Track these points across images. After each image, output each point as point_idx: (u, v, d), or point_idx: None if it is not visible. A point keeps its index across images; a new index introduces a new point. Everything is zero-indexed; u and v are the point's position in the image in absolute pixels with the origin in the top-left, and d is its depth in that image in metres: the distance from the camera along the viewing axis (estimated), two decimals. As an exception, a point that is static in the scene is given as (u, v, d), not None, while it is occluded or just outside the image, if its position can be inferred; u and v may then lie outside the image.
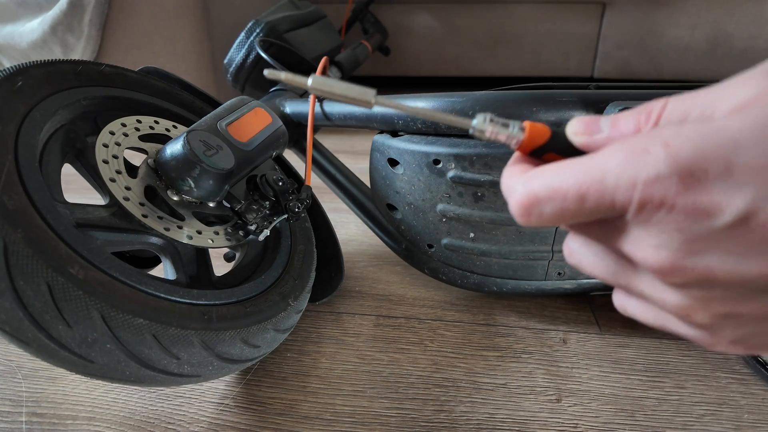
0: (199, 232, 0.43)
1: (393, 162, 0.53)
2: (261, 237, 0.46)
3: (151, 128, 0.47)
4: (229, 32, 0.95)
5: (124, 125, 0.45)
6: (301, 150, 0.68)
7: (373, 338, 0.54)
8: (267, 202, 0.47)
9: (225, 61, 0.86)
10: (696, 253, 0.17)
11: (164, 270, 0.43)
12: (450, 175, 0.49)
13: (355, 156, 1.08)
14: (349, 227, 0.78)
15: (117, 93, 0.47)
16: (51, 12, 1.03)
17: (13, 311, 0.30)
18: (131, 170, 0.43)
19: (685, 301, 0.18)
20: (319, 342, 0.54)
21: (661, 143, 0.16)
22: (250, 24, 0.85)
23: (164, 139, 0.46)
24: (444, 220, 0.52)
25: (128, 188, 0.41)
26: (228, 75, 0.86)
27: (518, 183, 0.20)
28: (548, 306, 0.59)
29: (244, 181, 0.47)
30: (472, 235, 0.52)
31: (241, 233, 0.47)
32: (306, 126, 0.59)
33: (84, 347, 0.32)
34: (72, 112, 0.43)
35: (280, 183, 0.48)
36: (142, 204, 0.41)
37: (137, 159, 0.45)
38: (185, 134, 0.42)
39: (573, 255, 0.22)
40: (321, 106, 0.59)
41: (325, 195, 0.75)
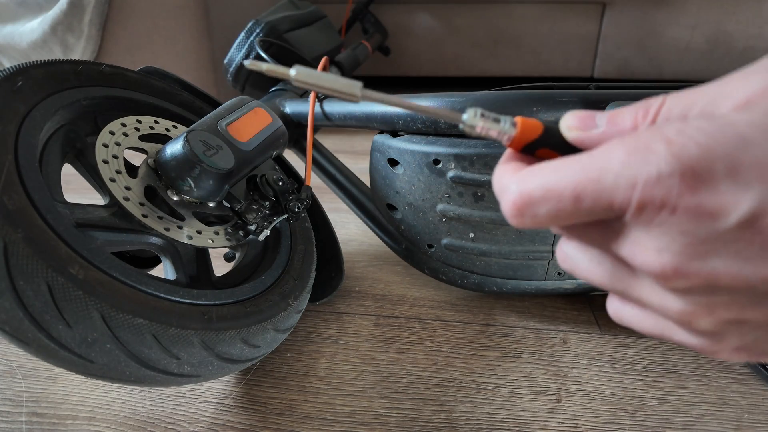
0: (199, 232, 0.43)
1: (393, 162, 0.53)
2: (261, 237, 0.46)
3: (151, 128, 0.47)
4: (229, 32, 0.95)
5: (124, 125, 0.45)
6: (301, 150, 0.68)
7: (373, 338, 0.54)
8: (267, 202, 0.47)
9: (225, 61, 0.86)
10: (700, 257, 0.16)
11: (164, 270, 0.43)
12: (450, 175, 0.49)
13: (355, 156, 1.08)
14: (349, 227, 0.78)
15: (117, 93, 0.47)
16: (51, 12, 1.03)
17: (13, 311, 0.30)
18: (131, 170, 0.43)
19: (688, 308, 0.17)
20: (319, 342, 0.54)
21: (664, 140, 0.15)
22: (250, 24, 0.85)
23: (164, 139, 0.46)
24: (444, 220, 0.52)
25: (128, 188, 0.41)
26: (228, 75, 0.86)
27: (511, 182, 0.19)
28: (548, 306, 0.59)
29: (244, 181, 0.47)
30: (472, 235, 0.52)
31: (241, 233, 0.47)
32: (306, 126, 0.59)
33: (84, 347, 0.32)
34: (72, 112, 0.43)
35: (280, 183, 0.48)
36: (142, 204, 0.41)
37: (137, 159, 0.45)
38: (185, 134, 0.42)
39: (567, 259, 0.21)
40: (321, 106, 0.59)
41: (325, 195, 0.75)
